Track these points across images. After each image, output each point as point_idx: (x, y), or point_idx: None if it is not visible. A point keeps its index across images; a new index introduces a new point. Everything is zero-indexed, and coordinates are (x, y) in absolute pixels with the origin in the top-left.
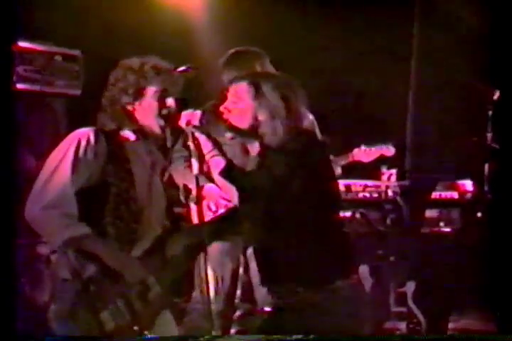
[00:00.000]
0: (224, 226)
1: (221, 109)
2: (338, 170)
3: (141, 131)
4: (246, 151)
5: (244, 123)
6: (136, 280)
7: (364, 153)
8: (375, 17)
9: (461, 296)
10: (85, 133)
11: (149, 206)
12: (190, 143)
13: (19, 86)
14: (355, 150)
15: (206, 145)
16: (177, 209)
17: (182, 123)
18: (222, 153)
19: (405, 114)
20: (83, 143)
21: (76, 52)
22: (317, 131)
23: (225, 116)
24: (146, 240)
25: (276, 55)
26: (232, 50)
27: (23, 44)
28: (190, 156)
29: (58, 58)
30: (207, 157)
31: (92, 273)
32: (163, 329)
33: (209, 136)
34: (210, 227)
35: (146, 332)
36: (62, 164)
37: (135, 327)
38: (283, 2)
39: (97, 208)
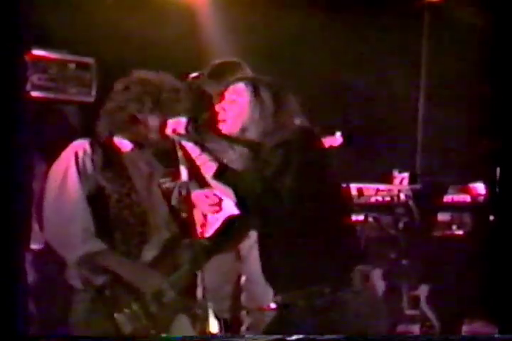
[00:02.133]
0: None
1: (217, 108)
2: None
3: (141, 141)
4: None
5: (237, 124)
6: (153, 290)
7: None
8: (383, 21)
9: (473, 300)
10: (81, 145)
11: (152, 210)
12: (178, 151)
13: (33, 94)
14: None
15: (194, 151)
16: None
17: (168, 131)
18: (214, 158)
19: (416, 117)
20: (81, 155)
21: (89, 60)
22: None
23: (219, 117)
24: (154, 243)
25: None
26: (215, 62)
27: (36, 52)
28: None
29: (72, 66)
30: (198, 163)
31: (106, 281)
32: (180, 332)
33: (196, 143)
34: (211, 243)
35: (163, 335)
36: (67, 178)
37: (152, 331)
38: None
39: (102, 216)
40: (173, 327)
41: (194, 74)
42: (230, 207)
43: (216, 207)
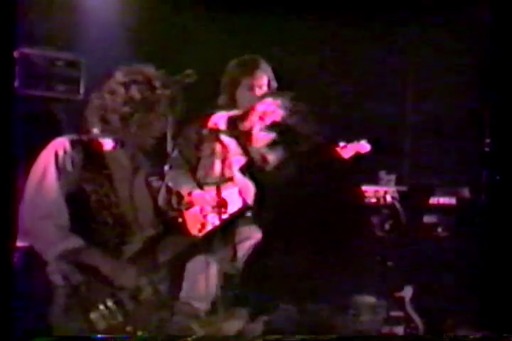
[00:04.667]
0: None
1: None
2: None
3: (127, 139)
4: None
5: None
6: (131, 286)
7: (342, 151)
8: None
9: (459, 301)
10: (61, 143)
11: (134, 209)
12: (217, 145)
13: (21, 91)
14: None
15: (231, 144)
16: (171, 214)
17: (210, 124)
18: (244, 153)
19: (404, 120)
20: (60, 153)
21: (77, 58)
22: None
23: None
24: (136, 243)
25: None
26: (235, 59)
27: (24, 50)
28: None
29: (60, 63)
30: (230, 155)
31: (83, 277)
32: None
33: (232, 137)
34: (202, 240)
35: (139, 333)
36: (46, 175)
37: (128, 328)
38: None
39: (81, 216)
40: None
41: (187, 71)
42: (232, 208)
43: (221, 208)
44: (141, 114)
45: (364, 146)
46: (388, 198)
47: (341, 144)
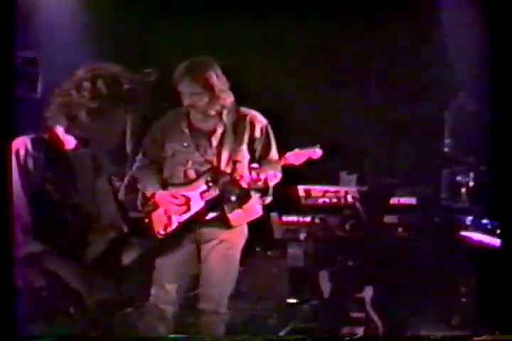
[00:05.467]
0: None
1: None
2: (279, 174)
3: (90, 137)
4: None
5: None
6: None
7: (295, 156)
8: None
9: (418, 301)
10: (22, 142)
11: (96, 210)
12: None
13: None
14: (288, 154)
15: None
16: (134, 214)
17: None
18: None
19: (364, 121)
20: (22, 153)
21: (35, 56)
22: None
23: None
24: (99, 244)
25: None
26: (187, 61)
27: None
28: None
29: (17, 61)
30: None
31: (45, 283)
32: None
33: None
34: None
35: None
36: (13, 176)
37: (92, 334)
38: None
39: (44, 217)
40: None
41: (147, 70)
42: (196, 207)
43: (184, 207)
44: (108, 108)
45: (316, 152)
46: (349, 198)
47: (296, 150)
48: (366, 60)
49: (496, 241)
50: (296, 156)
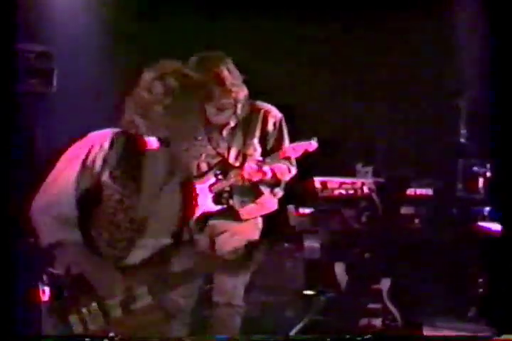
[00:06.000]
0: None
1: None
2: (293, 169)
3: (171, 138)
4: None
5: None
6: (107, 295)
7: (293, 149)
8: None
9: (434, 292)
10: (101, 138)
11: (154, 216)
12: None
13: None
14: (286, 147)
15: None
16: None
17: None
18: None
19: (381, 113)
20: (96, 149)
21: (49, 50)
22: None
23: None
24: (146, 249)
25: None
26: (197, 56)
27: None
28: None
29: (31, 56)
30: None
31: (68, 279)
32: None
33: None
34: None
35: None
36: (70, 166)
37: (110, 334)
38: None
39: (96, 212)
40: None
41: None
42: (206, 204)
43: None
44: (183, 101)
45: (312, 145)
46: (365, 190)
47: (293, 144)
48: (379, 53)
49: None
50: (294, 149)
